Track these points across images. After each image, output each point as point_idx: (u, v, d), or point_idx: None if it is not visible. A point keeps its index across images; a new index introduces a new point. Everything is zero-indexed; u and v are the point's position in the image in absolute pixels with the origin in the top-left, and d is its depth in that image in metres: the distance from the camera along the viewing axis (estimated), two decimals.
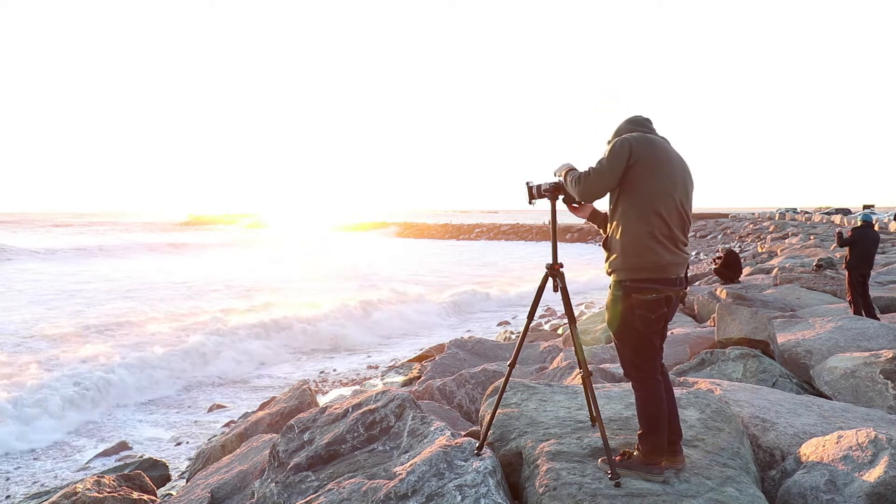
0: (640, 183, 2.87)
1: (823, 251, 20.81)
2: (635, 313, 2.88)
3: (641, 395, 2.99)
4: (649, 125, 3.07)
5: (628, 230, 2.88)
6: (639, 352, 2.96)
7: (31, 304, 20.59)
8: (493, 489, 3.00)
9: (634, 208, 2.87)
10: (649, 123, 3.08)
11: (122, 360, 12.04)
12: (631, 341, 2.96)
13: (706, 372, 5.67)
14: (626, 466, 3.01)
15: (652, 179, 2.87)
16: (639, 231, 2.86)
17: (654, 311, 2.89)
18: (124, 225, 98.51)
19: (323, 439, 3.89)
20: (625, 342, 2.98)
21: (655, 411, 2.94)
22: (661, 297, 2.87)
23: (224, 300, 21.31)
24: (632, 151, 2.86)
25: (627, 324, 2.92)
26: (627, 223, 2.88)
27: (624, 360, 3.03)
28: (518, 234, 68.14)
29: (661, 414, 2.94)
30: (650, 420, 2.95)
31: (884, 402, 4.88)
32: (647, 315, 2.88)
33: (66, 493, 4.93)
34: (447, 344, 10.82)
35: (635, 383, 3.01)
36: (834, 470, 3.14)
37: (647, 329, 2.92)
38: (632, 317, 2.89)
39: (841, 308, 9.92)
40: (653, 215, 2.85)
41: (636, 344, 2.95)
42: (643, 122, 3.07)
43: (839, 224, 39.65)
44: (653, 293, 2.85)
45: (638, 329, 2.91)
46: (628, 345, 2.97)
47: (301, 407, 6.97)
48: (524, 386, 4.20)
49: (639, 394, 3.00)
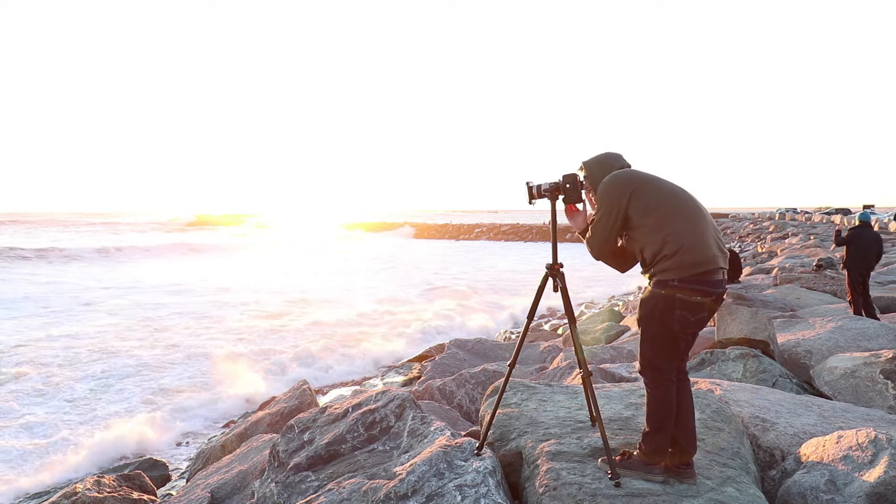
0: (647, 203, 2.86)
1: (823, 251, 20.82)
2: (675, 313, 2.81)
3: (653, 393, 2.95)
4: (622, 160, 3.06)
5: (664, 231, 2.83)
6: (660, 351, 2.90)
7: (178, 314, 18.72)
8: (493, 489, 3.00)
9: (659, 220, 2.84)
10: (622, 159, 3.07)
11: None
12: (657, 339, 2.89)
13: (706, 372, 5.68)
14: (625, 466, 3.00)
15: (657, 196, 2.88)
16: (677, 228, 2.82)
17: (696, 314, 2.83)
18: (134, 225, 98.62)
19: (323, 439, 3.89)
20: (650, 340, 2.92)
21: (664, 411, 2.92)
22: (706, 300, 2.81)
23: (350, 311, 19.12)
24: (621, 194, 2.86)
25: (661, 322, 2.85)
26: (658, 233, 2.83)
27: (642, 356, 2.98)
28: (518, 234, 68.15)
29: (669, 415, 2.92)
30: (658, 419, 2.93)
31: (884, 402, 4.88)
32: (688, 316, 2.82)
33: (66, 492, 4.93)
34: (447, 344, 10.83)
35: (648, 381, 2.96)
36: (834, 470, 3.14)
37: (682, 330, 2.85)
38: (670, 316, 2.82)
39: (841, 308, 9.92)
40: (676, 215, 2.84)
41: (661, 343, 2.89)
42: (615, 159, 3.06)
43: (839, 224, 39.67)
44: (698, 295, 2.80)
45: (671, 329, 2.84)
46: (652, 343, 2.91)
47: (301, 407, 6.97)
48: (524, 386, 4.20)
49: (650, 391, 2.96)
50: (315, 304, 20.55)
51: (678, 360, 2.96)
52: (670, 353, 2.91)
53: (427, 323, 16.65)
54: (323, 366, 12.64)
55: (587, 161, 3.10)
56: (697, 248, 2.80)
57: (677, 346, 2.90)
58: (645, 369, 2.97)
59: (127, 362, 12.80)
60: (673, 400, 2.93)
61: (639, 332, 3.02)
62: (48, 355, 13.32)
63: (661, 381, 2.92)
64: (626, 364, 6.07)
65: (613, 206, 2.89)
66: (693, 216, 2.87)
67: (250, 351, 13.58)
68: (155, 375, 11.89)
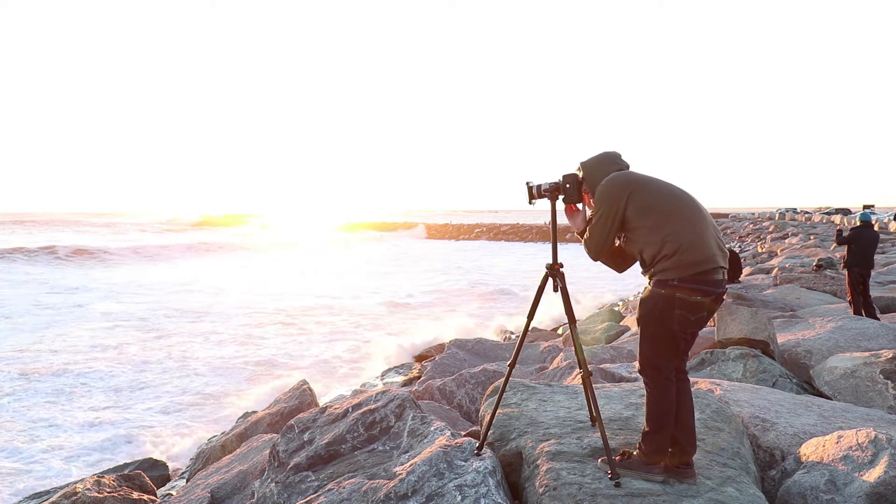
0: (647, 202, 2.86)
1: (823, 251, 20.82)
2: (675, 313, 2.81)
3: (652, 392, 2.94)
4: (620, 161, 3.06)
5: (663, 231, 2.83)
6: (659, 351, 2.90)
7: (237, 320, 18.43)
8: (493, 489, 3.00)
9: (658, 220, 2.84)
10: (620, 159, 3.07)
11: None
12: (656, 339, 2.89)
13: (706, 372, 5.68)
14: (625, 466, 3.00)
15: (656, 196, 2.88)
16: (676, 228, 2.82)
17: (695, 313, 2.83)
18: (142, 225, 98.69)
19: (323, 439, 3.89)
20: (649, 339, 2.92)
21: (664, 411, 2.92)
22: (706, 300, 2.81)
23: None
24: (619, 196, 2.87)
25: (661, 322, 2.85)
26: (657, 232, 2.83)
27: (642, 356, 2.97)
28: (518, 234, 68.18)
29: (669, 414, 2.91)
30: (657, 419, 2.93)
31: (884, 402, 4.88)
32: (687, 316, 2.81)
33: (66, 492, 4.93)
34: (447, 344, 10.83)
35: (648, 380, 2.96)
36: (834, 470, 3.14)
37: (682, 330, 2.85)
38: (670, 316, 2.82)
39: (841, 308, 9.92)
40: (677, 215, 2.84)
41: (661, 343, 2.89)
42: (613, 160, 3.06)
43: (839, 224, 39.67)
44: (698, 295, 2.78)
45: (671, 329, 2.84)
46: (652, 342, 2.91)
47: (301, 407, 6.98)
48: (524, 386, 4.20)
49: (650, 391, 2.95)
50: (336, 307, 20.62)
51: (678, 359, 2.96)
52: (670, 353, 2.91)
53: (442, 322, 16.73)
54: (326, 367, 12.67)
55: (585, 162, 3.10)
56: (697, 247, 2.80)
57: (677, 345, 2.90)
58: (645, 369, 2.97)
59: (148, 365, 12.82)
60: (672, 399, 2.93)
61: (638, 332, 3.03)
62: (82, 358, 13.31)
63: (660, 380, 2.91)
64: (626, 364, 6.08)
65: (612, 207, 2.89)
66: (693, 216, 2.87)
67: (260, 357, 13.61)
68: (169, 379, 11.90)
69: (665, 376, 2.92)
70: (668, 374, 2.93)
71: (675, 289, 2.79)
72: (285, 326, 17.03)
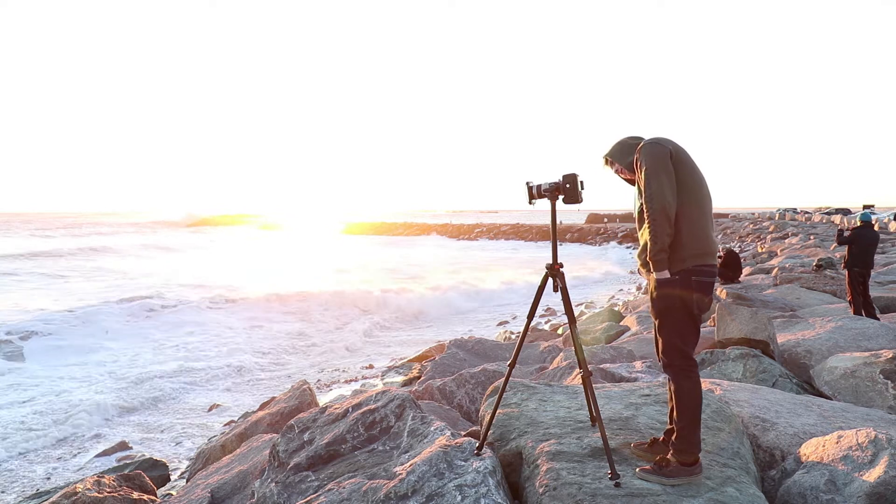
0: (684, 178, 2.94)
1: (823, 251, 20.81)
2: (694, 297, 2.90)
3: (686, 385, 2.96)
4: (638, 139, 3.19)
5: (686, 219, 2.91)
6: (686, 339, 2.96)
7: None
8: (493, 489, 3.00)
9: (687, 202, 2.92)
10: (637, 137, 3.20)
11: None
12: (684, 328, 2.95)
13: (706, 372, 5.68)
14: (669, 475, 2.94)
15: (691, 174, 2.96)
16: (696, 218, 2.93)
17: (709, 294, 2.95)
18: (143, 225, 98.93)
19: (323, 439, 3.89)
20: (676, 329, 2.96)
21: (698, 402, 2.96)
22: (713, 280, 2.95)
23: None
24: (668, 151, 2.94)
25: (683, 310, 2.92)
26: (683, 213, 2.91)
27: (670, 349, 2.98)
28: (518, 234, 68.29)
29: (701, 404, 2.98)
30: (692, 411, 2.95)
31: (884, 402, 4.88)
32: (704, 298, 2.92)
33: (66, 492, 4.93)
34: (447, 344, 10.82)
35: (679, 372, 2.97)
36: (834, 470, 3.14)
37: (700, 313, 2.95)
38: (690, 302, 2.91)
39: (841, 308, 9.92)
40: (699, 204, 2.94)
41: (686, 328, 2.95)
42: (632, 137, 3.18)
43: (839, 224, 39.66)
44: (710, 276, 2.92)
45: (692, 314, 2.93)
46: (678, 332, 2.96)
47: (301, 407, 6.97)
48: (524, 386, 4.20)
49: (683, 384, 2.96)
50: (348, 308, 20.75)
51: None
52: (695, 338, 2.99)
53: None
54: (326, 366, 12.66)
55: (609, 152, 3.20)
56: (710, 238, 2.95)
57: (698, 329, 3.00)
58: (673, 360, 2.98)
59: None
60: (701, 389, 2.99)
61: (657, 326, 3.04)
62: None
63: (690, 369, 2.96)
64: (626, 364, 6.07)
65: (662, 157, 2.92)
66: (708, 207, 2.99)
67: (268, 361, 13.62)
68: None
69: (693, 363, 2.98)
70: (694, 361, 2.99)
71: (691, 273, 2.89)
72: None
